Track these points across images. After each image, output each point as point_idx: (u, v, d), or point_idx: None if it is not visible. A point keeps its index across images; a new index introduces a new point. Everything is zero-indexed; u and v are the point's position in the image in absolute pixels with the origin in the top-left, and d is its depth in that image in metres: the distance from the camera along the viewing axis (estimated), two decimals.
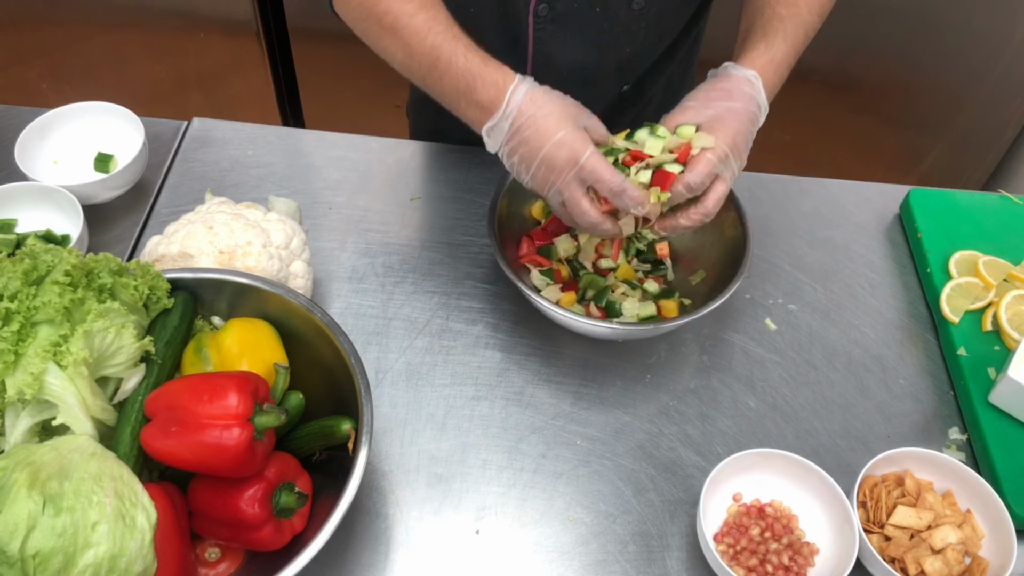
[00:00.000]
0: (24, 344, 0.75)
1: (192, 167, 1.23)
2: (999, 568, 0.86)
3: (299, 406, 0.85)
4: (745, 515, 0.92)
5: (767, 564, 0.88)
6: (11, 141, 1.13)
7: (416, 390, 1.02)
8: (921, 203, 1.21)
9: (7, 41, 2.10)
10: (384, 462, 0.95)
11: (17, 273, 0.77)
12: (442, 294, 1.10)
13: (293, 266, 1.01)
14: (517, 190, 1.04)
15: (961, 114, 2.05)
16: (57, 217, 1.10)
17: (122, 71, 2.15)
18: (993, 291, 1.10)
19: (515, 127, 0.88)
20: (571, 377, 1.04)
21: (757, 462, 0.92)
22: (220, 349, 0.85)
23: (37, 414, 0.76)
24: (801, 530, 0.92)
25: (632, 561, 0.90)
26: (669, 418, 1.01)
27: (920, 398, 1.05)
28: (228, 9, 1.98)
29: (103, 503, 0.68)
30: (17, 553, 0.64)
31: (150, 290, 0.84)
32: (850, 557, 0.85)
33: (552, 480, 0.95)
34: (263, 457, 0.76)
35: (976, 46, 1.91)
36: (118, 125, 1.19)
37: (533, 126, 0.87)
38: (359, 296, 1.09)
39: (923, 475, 0.94)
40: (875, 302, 1.14)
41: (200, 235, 0.96)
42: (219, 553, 0.83)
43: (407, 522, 0.91)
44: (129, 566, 0.69)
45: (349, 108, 2.19)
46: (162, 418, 0.76)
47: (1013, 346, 1.05)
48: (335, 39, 2.09)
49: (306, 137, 1.29)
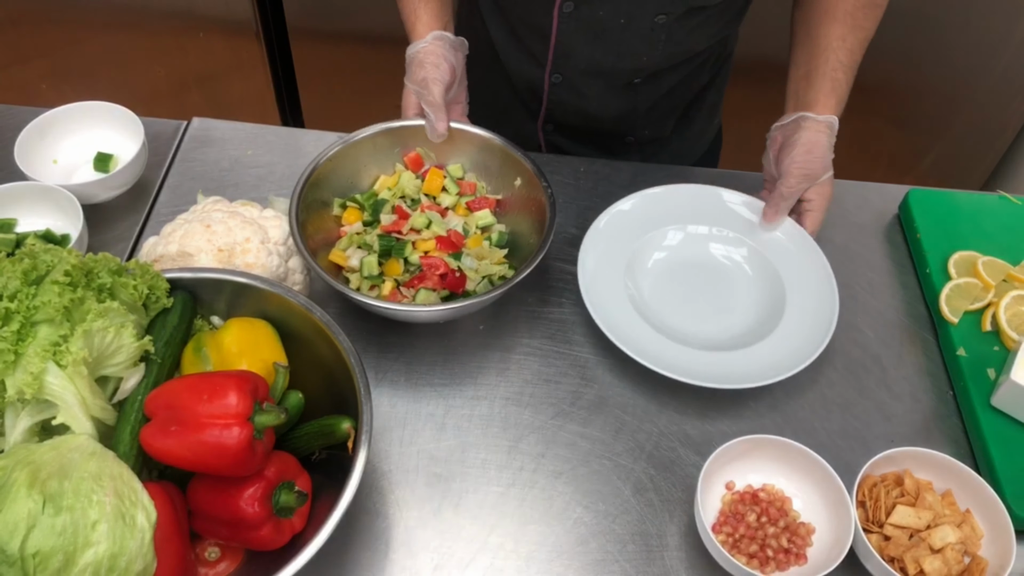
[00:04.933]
0: (24, 344, 0.75)
1: (192, 167, 1.23)
2: (998, 568, 0.86)
3: (299, 405, 0.85)
4: (740, 502, 0.92)
5: (767, 549, 0.88)
6: (11, 141, 1.13)
7: (416, 390, 1.02)
8: (920, 203, 1.21)
9: (7, 41, 2.10)
10: (383, 461, 0.95)
11: (17, 273, 0.77)
12: None
13: (292, 262, 1.01)
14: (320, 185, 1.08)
15: (961, 114, 2.05)
16: (57, 217, 1.10)
17: (122, 71, 2.15)
18: (992, 291, 1.10)
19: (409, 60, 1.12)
20: (571, 377, 1.04)
21: (748, 450, 0.93)
22: (219, 348, 0.85)
23: (37, 414, 0.76)
24: (796, 511, 0.92)
25: (631, 560, 0.90)
26: (668, 418, 1.01)
27: (919, 398, 1.05)
28: (228, 9, 1.99)
29: (103, 502, 0.68)
30: (17, 552, 0.64)
31: (149, 290, 0.85)
32: (848, 533, 0.86)
33: (551, 480, 0.95)
34: (263, 456, 0.77)
35: (976, 46, 1.91)
36: (118, 125, 1.19)
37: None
38: None
39: (922, 475, 0.94)
40: (874, 302, 1.14)
41: (198, 234, 0.96)
42: (219, 552, 0.83)
43: (406, 522, 0.91)
44: (129, 565, 0.69)
45: (349, 108, 2.19)
46: (162, 417, 0.76)
47: (1012, 346, 1.05)
48: (335, 39, 2.10)
49: (306, 137, 1.29)
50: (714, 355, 1.03)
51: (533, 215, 1.06)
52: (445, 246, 1.05)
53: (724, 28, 1.18)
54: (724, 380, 0.99)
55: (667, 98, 1.25)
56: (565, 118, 1.28)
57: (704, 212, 1.17)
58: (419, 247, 1.05)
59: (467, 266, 1.04)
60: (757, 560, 0.88)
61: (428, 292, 1.02)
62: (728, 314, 1.10)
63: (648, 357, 0.99)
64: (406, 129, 1.12)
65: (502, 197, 1.12)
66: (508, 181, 1.11)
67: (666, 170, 1.26)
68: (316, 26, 2.06)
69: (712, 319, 1.09)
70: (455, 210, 1.10)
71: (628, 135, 1.30)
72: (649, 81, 1.19)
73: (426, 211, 1.08)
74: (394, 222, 1.07)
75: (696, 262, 1.14)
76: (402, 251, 1.04)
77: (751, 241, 1.14)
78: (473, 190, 1.12)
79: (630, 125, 1.28)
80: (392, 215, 1.08)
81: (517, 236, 1.09)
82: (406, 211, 1.09)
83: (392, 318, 1.02)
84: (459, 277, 1.03)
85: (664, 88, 1.22)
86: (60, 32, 2.08)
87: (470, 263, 1.05)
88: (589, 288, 1.05)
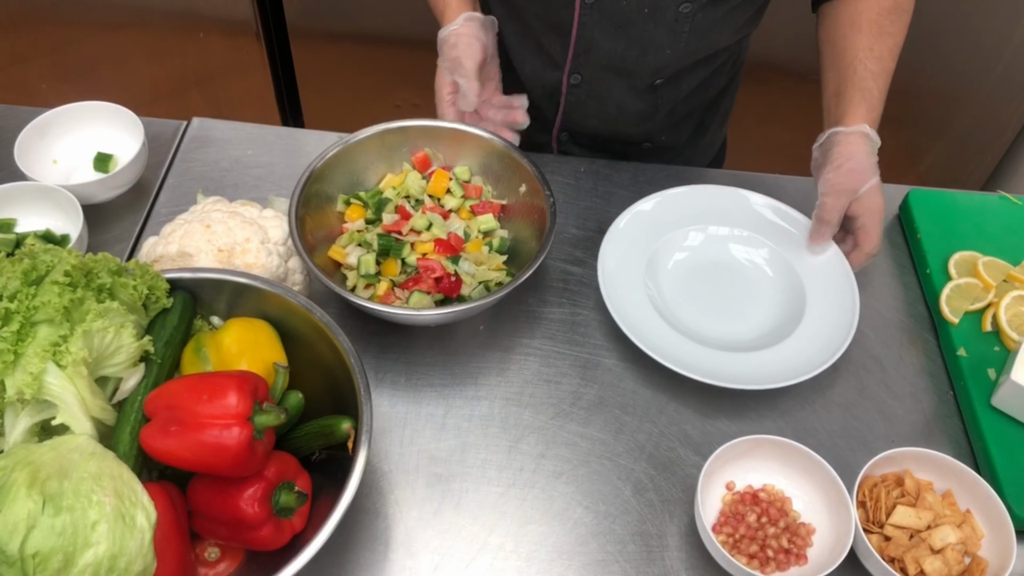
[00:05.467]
0: (23, 344, 0.74)
1: (192, 167, 1.23)
2: (999, 568, 0.86)
3: (298, 405, 0.85)
4: (740, 503, 0.92)
5: (767, 549, 0.88)
6: (11, 141, 1.13)
7: (416, 390, 1.02)
8: (920, 203, 1.21)
9: (7, 41, 2.10)
10: (383, 462, 0.95)
11: (16, 273, 0.77)
12: None
13: (292, 262, 1.01)
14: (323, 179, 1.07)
15: (961, 114, 2.05)
16: (57, 217, 1.10)
17: (122, 71, 2.15)
18: (992, 292, 1.10)
19: (441, 42, 1.13)
20: (571, 377, 1.04)
21: (748, 450, 0.93)
22: (219, 349, 0.85)
23: (36, 414, 0.76)
24: (796, 512, 0.92)
25: (631, 560, 0.90)
26: (668, 418, 1.01)
27: (920, 398, 1.05)
28: (228, 9, 1.99)
29: (103, 502, 0.68)
30: (17, 552, 0.64)
31: (149, 290, 0.84)
32: (848, 534, 0.86)
33: (551, 480, 0.95)
34: (263, 456, 0.76)
35: (976, 46, 1.91)
36: (118, 125, 1.19)
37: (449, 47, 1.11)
38: None
39: (923, 475, 0.94)
40: (875, 302, 1.14)
41: (198, 234, 0.96)
42: (219, 553, 0.83)
43: (406, 522, 0.91)
44: (129, 565, 0.69)
45: (349, 108, 2.19)
46: (161, 418, 0.76)
47: (1013, 347, 1.05)
48: (335, 39, 2.10)
49: (306, 137, 1.29)
50: (732, 356, 1.03)
51: (534, 221, 1.06)
52: (444, 249, 1.05)
53: (746, 25, 1.17)
54: (744, 381, 0.99)
55: (686, 102, 1.24)
56: (582, 124, 1.26)
57: (726, 213, 1.17)
58: (417, 249, 1.05)
59: (464, 270, 1.04)
60: (757, 560, 0.88)
61: (422, 295, 1.01)
62: (748, 316, 1.10)
63: (667, 356, 0.99)
64: (416, 128, 1.11)
65: (507, 202, 1.12)
66: (513, 187, 1.10)
67: (666, 170, 1.26)
68: (316, 26, 2.06)
69: (731, 320, 1.09)
70: (459, 213, 1.10)
71: (645, 142, 1.29)
72: (670, 82, 1.19)
73: (428, 212, 1.08)
74: (395, 222, 1.07)
75: (718, 263, 1.14)
76: (400, 251, 1.04)
77: (772, 243, 1.14)
78: (479, 194, 1.12)
79: (648, 130, 1.27)
80: (394, 215, 1.08)
81: (518, 242, 1.09)
82: (408, 211, 1.09)
83: (384, 320, 1.02)
84: (455, 282, 1.03)
85: (684, 91, 1.21)
86: (60, 32, 2.08)
87: (468, 268, 1.04)
88: (608, 288, 1.05)
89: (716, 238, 1.16)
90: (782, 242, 1.14)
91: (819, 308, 1.08)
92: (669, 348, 1.02)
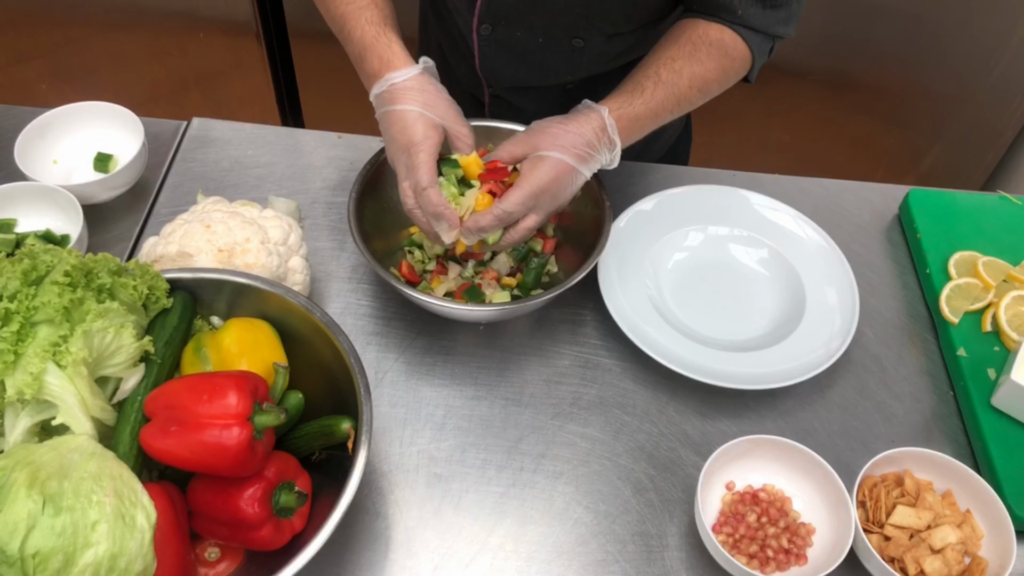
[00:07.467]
0: (24, 344, 0.75)
1: (192, 167, 1.23)
2: (999, 568, 0.86)
3: (298, 405, 0.85)
4: (740, 503, 0.92)
5: (767, 549, 0.88)
6: (11, 141, 1.13)
7: (416, 390, 1.02)
8: (920, 203, 1.21)
9: (7, 41, 2.10)
10: (383, 462, 0.95)
11: (16, 273, 0.77)
12: None
13: (292, 261, 1.01)
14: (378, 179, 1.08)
15: (960, 114, 2.05)
16: (57, 217, 1.10)
17: (122, 71, 2.15)
18: (992, 292, 1.10)
19: (383, 99, 0.96)
20: (571, 377, 1.04)
21: (748, 450, 0.93)
22: (219, 349, 0.85)
23: (37, 414, 0.76)
24: (796, 512, 0.92)
25: (631, 560, 0.90)
26: (668, 418, 1.01)
27: (920, 398, 1.05)
28: (228, 9, 1.99)
29: (103, 503, 0.68)
30: (17, 553, 0.64)
31: (149, 290, 0.85)
32: (848, 534, 0.86)
33: (552, 480, 0.95)
34: (263, 456, 0.77)
35: (976, 46, 1.91)
36: (118, 125, 1.19)
37: (392, 115, 0.95)
38: (359, 296, 1.09)
39: (923, 475, 0.94)
40: (874, 302, 1.14)
41: (198, 234, 0.96)
42: (219, 553, 0.83)
43: (406, 522, 0.91)
44: (129, 565, 0.69)
45: (349, 108, 2.18)
46: (162, 418, 0.76)
47: (1013, 347, 1.05)
48: (335, 39, 2.10)
49: (306, 137, 1.29)
50: (732, 356, 1.03)
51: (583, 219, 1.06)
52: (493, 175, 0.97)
53: (647, 48, 1.09)
54: (744, 381, 0.99)
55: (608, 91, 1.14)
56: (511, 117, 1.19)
57: (726, 213, 1.17)
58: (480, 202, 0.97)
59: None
60: (757, 560, 0.88)
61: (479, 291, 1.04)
62: (747, 316, 1.10)
63: (667, 356, 1.00)
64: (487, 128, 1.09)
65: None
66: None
67: (666, 170, 1.26)
68: (316, 26, 2.04)
69: (731, 320, 1.09)
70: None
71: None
72: (583, 86, 1.15)
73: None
74: None
75: (717, 263, 1.15)
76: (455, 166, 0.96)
77: (772, 243, 1.15)
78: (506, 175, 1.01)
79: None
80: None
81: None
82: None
83: (439, 314, 1.03)
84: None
85: (601, 92, 1.11)
86: (60, 32, 2.08)
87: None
88: (608, 288, 1.06)
89: (716, 238, 1.16)
90: (782, 242, 1.15)
91: (819, 308, 1.08)
92: (669, 348, 1.02)
